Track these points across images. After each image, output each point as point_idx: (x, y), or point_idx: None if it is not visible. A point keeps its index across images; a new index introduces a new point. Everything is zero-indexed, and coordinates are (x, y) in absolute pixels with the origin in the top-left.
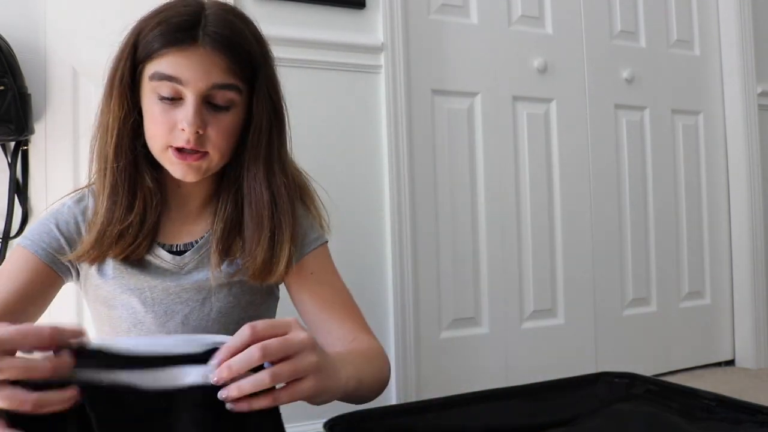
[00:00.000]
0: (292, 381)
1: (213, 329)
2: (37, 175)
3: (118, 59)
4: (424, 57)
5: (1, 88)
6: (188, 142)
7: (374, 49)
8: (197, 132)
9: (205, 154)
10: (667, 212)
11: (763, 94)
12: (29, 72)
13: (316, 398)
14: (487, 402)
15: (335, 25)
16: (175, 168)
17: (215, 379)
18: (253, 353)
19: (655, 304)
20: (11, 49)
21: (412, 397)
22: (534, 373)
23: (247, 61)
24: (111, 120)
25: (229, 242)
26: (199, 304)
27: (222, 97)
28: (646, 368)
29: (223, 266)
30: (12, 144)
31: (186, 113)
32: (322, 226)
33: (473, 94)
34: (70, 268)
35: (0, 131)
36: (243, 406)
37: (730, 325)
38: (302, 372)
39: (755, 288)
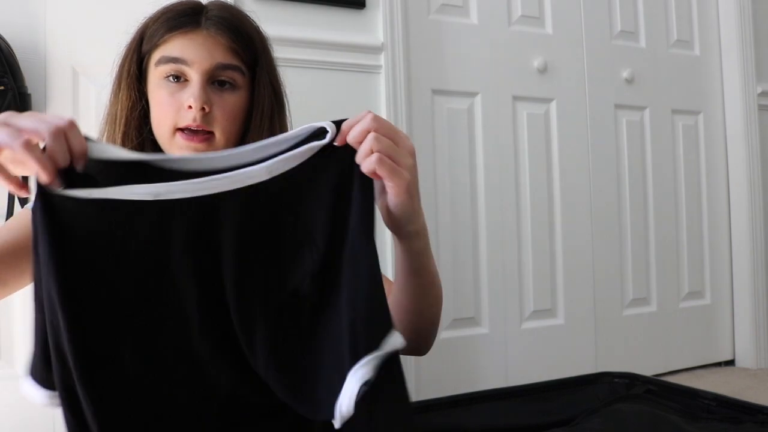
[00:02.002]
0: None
1: None
2: None
3: (125, 54)
4: (424, 57)
5: (1, 88)
6: (194, 119)
7: (374, 49)
8: (203, 108)
9: (211, 136)
10: (667, 212)
11: (763, 94)
12: (29, 72)
13: (407, 203)
14: (487, 402)
15: (335, 25)
16: (183, 153)
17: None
18: (366, 117)
19: (655, 304)
20: (11, 49)
21: (412, 397)
22: (534, 373)
23: (249, 45)
24: (119, 110)
25: None
26: None
27: (226, 76)
28: (646, 368)
29: None
30: None
31: (192, 91)
32: None
33: (473, 94)
34: None
35: None
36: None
37: (730, 325)
38: (402, 154)
39: (755, 288)
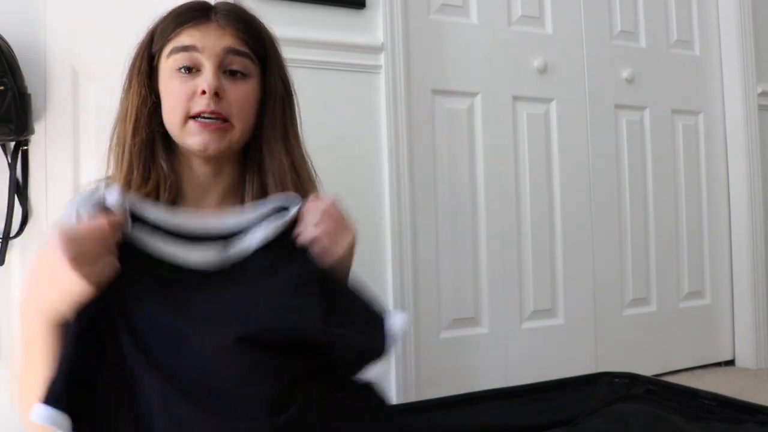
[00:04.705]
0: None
1: None
2: (37, 175)
3: (136, 52)
4: (424, 57)
5: (1, 88)
6: (208, 105)
7: (374, 49)
8: (216, 94)
9: (228, 125)
10: (667, 212)
11: (763, 94)
12: (29, 72)
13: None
14: (487, 402)
15: (335, 25)
16: (196, 139)
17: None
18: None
19: (655, 304)
20: (11, 49)
21: (412, 397)
22: (534, 373)
23: (258, 38)
24: (130, 106)
25: None
26: None
27: (238, 63)
28: (646, 368)
29: None
30: (12, 144)
31: (206, 77)
32: None
33: (473, 94)
34: None
35: (0, 131)
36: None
37: (730, 325)
38: (342, 234)
39: (755, 288)
